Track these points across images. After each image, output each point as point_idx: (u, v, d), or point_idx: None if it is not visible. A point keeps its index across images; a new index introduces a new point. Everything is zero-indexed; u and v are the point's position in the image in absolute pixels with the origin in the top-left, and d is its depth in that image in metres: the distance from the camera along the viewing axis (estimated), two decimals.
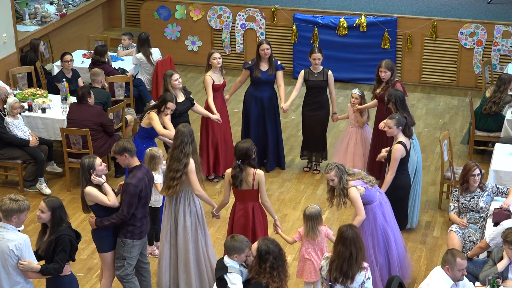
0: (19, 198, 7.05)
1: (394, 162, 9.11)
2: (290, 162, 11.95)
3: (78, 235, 7.35)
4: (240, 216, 8.26)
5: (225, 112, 11.16)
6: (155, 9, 15.61)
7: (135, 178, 7.78)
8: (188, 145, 8.24)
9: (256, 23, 15.18)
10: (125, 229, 7.87)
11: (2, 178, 11.41)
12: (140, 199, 7.82)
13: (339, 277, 6.99)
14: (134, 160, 7.92)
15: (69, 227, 7.25)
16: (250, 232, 8.26)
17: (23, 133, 10.86)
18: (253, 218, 8.26)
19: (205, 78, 10.88)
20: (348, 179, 8.21)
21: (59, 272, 7.12)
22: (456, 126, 13.22)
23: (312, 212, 7.94)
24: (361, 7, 15.16)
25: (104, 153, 10.94)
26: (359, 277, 7.00)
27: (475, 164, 8.86)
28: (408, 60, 14.76)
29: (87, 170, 7.71)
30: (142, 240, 8.05)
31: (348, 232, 6.99)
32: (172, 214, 8.37)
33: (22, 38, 13.37)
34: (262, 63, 11.08)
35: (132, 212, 7.77)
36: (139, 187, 7.76)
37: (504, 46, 14.18)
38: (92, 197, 7.72)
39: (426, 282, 7.27)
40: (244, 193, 8.19)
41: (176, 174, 8.17)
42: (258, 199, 8.31)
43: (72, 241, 7.16)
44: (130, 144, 7.90)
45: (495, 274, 7.62)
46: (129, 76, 12.76)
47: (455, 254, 7.15)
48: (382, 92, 10.33)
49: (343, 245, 6.96)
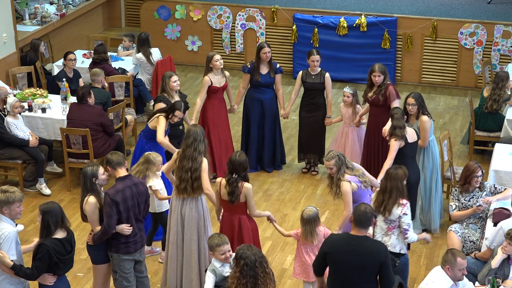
0: (8, 190, 7.10)
1: (392, 152, 9.14)
2: (290, 162, 11.95)
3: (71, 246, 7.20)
4: (227, 229, 8.18)
5: (224, 114, 11.14)
6: (155, 9, 15.61)
7: (113, 188, 7.63)
8: (202, 143, 8.23)
9: (256, 23, 15.18)
10: (109, 243, 7.77)
11: (2, 178, 11.41)
12: (119, 213, 7.61)
13: (377, 208, 7.83)
14: (118, 171, 7.73)
15: (57, 239, 7.07)
16: (236, 244, 8.06)
17: (23, 133, 10.86)
18: (240, 231, 8.15)
19: (204, 78, 10.88)
20: (346, 172, 8.23)
21: (31, 278, 7.13)
22: (456, 126, 13.22)
23: (310, 215, 7.91)
24: (361, 7, 15.17)
25: (104, 153, 10.92)
26: (396, 210, 7.78)
27: (478, 165, 8.86)
28: (408, 60, 14.76)
29: (89, 179, 7.62)
30: (132, 255, 7.85)
31: (392, 169, 7.94)
32: (179, 215, 8.37)
33: (22, 38, 13.37)
34: (262, 66, 11.07)
35: (113, 223, 7.58)
36: (116, 198, 7.57)
37: (504, 46, 14.18)
38: (89, 212, 7.62)
39: (425, 282, 7.27)
40: (230, 206, 8.11)
41: (196, 173, 8.17)
42: (246, 212, 8.21)
43: (50, 253, 7.03)
44: (113, 156, 7.76)
45: (491, 270, 7.62)
46: (129, 76, 12.76)
47: (456, 254, 7.15)
48: (374, 96, 10.24)
49: (385, 180, 7.91)
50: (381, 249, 6.93)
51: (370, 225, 7.03)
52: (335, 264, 6.98)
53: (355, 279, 6.88)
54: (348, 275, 6.90)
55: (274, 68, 11.14)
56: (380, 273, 6.88)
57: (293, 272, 8.29)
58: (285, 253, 9.65)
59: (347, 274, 6.90)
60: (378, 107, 10.23)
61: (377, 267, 6.84)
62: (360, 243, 6.89)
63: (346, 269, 6.89)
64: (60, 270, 7.25)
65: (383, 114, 9.99)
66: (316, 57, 10.87)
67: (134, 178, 7.90)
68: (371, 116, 10.48)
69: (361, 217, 6.91)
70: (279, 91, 11.25)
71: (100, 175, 7.65)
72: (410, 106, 9.62)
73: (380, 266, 6.84)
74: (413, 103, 9.60)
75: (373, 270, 6.86)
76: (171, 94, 10.29)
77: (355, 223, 6.94)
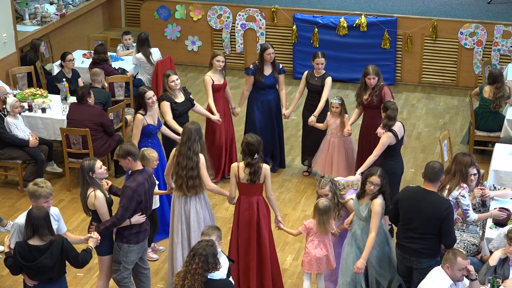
0: (39, 183, 7.32)
1: (380, 146, 9.28)
2: (290, 162, 11.95)
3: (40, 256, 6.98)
4: (245, 210, 8.31)
5: (228, 112, 11.15)
6: (155, 9, 15.61)
7: (135, 182, 7.72)
8: (196, 143, 8.30)
9: (256, 23, 15.18)
10: (120, 234, 7.82)
11: (2, 178, 11.41)
12: (138, 204, 7.75)
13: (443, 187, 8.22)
14: (137, 164, 7.87)
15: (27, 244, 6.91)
16: (255, 226, 8.33)
17: (23, 133, 10.86)
18: (258, 212, 8.32)
19: (204, 78, 10.87)
20: (342, 193, 8.36)
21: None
22: (456, 126, 13.22)
23: (326, 205, 8.04)
24: (361, 7, 15.17)
25: (104, 153, 10.94)
26: (455, 192, 8.15)
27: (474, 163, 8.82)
28: (408, 60, 14.76)
29: (86, 172, 7.65)
30: (140, 245, 7.95)
31: (460, 155, 8.34)
32: (183, 214, 8.40)
33: (22, 38, 13.37)
34: (265, 67, 11.02)
35: (127, 216, 7.69)
36: (138, 191, 7.69)
37: (504, 46, 14.18)
38: (99, 206, 7.65)
39: (425, 281, 7.27)
40: (250, 187, 8.24)
41: (193, 172, 8.26)
42: (262, 193, 8.37)
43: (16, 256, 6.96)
44: (134, 147, 7.85)
45: (490, 268, 7.62)
46: (129, 76, 12.77)
47: (456, 254, 7.14)
48: (369, 98, 10.17)
49: (452, 163, 8.34)
50: (444, 205, 7.53)
51: (438, 180, 7.66)
52: (403, 211, 7.70)
53: (417, 229, 7.55)
54: (412, 224, 7.60)
55: (278, 69, 11.10)
56: (441, 228, 7.48)
57: (302, 265, 8.36)
58: (285, 253, 9.65)
59: (411, 223, 7.60)
60: (373, 109, 10.18)
61: (439, 221, 7.47)
62: (427, 196, 7.58)
63: (411, 218, 7.61)
64: (33, 277, 7.10)
65: (378, 115, 9.89)
66: (321, 59, 10.80)
67: (148, 170, 8.03)
68: (365, 118, 10.39)
69: (429, 172, 7.62)
70: (282, 91, 11.21)
71: (97, 169, 7.66)
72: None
73: (441, 221, 7.46)
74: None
75: (434, 223, 7.49)
76: (173, 93, 10.30)
77: (425, 177, 7.68)
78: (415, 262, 7.67)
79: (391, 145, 9.31)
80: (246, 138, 8.21)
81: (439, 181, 7.75)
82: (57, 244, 7.00)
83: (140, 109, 9.60)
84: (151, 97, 9.55)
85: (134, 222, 7.77)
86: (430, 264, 7.53)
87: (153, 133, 9.68)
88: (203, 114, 10.80)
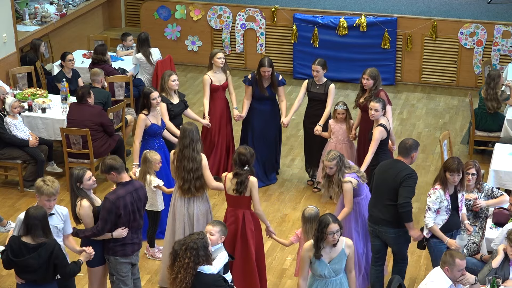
0: (47, 180, 7.34)
1: (375, 142, 9.41)
2: (290, 162, 11.95)
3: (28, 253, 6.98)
4: (231, 223, 8.17)
5: (226, 114, 11.11)
6: (155, 9, 15.62)
7: (114, 194, 7.56)
8: (198, 142, 8.33)
9: (256, 23, 15.18)
10: (106, 246, 7.71)
11: (2, 178, 11.41)
12: (118, 217, 7.55)
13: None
14: (122, 176, 7.66)
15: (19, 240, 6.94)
16: (240, 240, 8.15)
17: (23, 133, 10.86)
18: (243, 226, 8.15)
19: (203, 78, 10.85)
20: (345, 172, 8.36)
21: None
22: (456, 126, 13.22)
23: (312, 213, 7.95)
24: (361, 7, 15.17)
25: (104, 153, 10.94)
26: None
27: (473, 163, 8.80)
28: (408, 60, 14.76)
29: (74, 182, 7.54)
30: (129, 258, 7.79)
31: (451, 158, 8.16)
32: (186, 215, 8.39)
33: (22, 38, 13.37)
34: (264, 79, 10.76)
35: (107, 229, 7.53)
36: (116, 204, 7.50)
37: (504, 46, 14.18)
38: (83, 216, 7.57)
39: (424, 282, 7.29)
40: (236, 199, 8.12)
41: (199, 172, 8.28)
42: (250, 207, 8.23)
43: (7, 251, 6.99)
44: (116, 161, 7.65)
45: (492, 270, 7.62)
46: (129, 76, 12.76)
47: (454, 255, 7.16)
48: (365, 102, 10.04)
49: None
50: (406, 172, 7.88)
51: (409, 156, 8.03)
52: (374, 181, 8.21)
53: (383, 197, 7.96)
54: (378, 192, 8.05)
55: (277, 81, 10.79)
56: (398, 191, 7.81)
57: (295, 272, 8.32)
58: (285, 253, 9.65)
59: (378, 191, 8.06)
60: (368, 113, 10.06)
61: (398, 187, 7.82)
62: (393, 166, 8.05)
63: (378, 186, 8.08)
64: (19, 274, 7.10)
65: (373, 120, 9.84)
66: (316, 67, 10.50)
67: (135, 183, 7.81)
68: (362, 121, 10.29)
69: (401, 147, 8.10)
70: (282, 102, 10.94)
71: (86, 180, 7.54)
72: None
73: (399, 185, 7.81)
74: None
75: (396, 190, 7.83)
76: (169, 93, 10.29)
77: (398, 152, 8.16)
78: (383, 232, 8.01)
79: (383, 139, 9.44)
80: (238, 149, 8.12)
81: (410, 156, 8.09)
82: (48, 248, 6.98)
83: (143, 109, 9.60)
84: (156, 97, 9.58)
85: (115, 236, 7.60)
86: (399, 235, 8.03)
87: (157, 133, 9.68)
88: (193, 118, 10.72)
